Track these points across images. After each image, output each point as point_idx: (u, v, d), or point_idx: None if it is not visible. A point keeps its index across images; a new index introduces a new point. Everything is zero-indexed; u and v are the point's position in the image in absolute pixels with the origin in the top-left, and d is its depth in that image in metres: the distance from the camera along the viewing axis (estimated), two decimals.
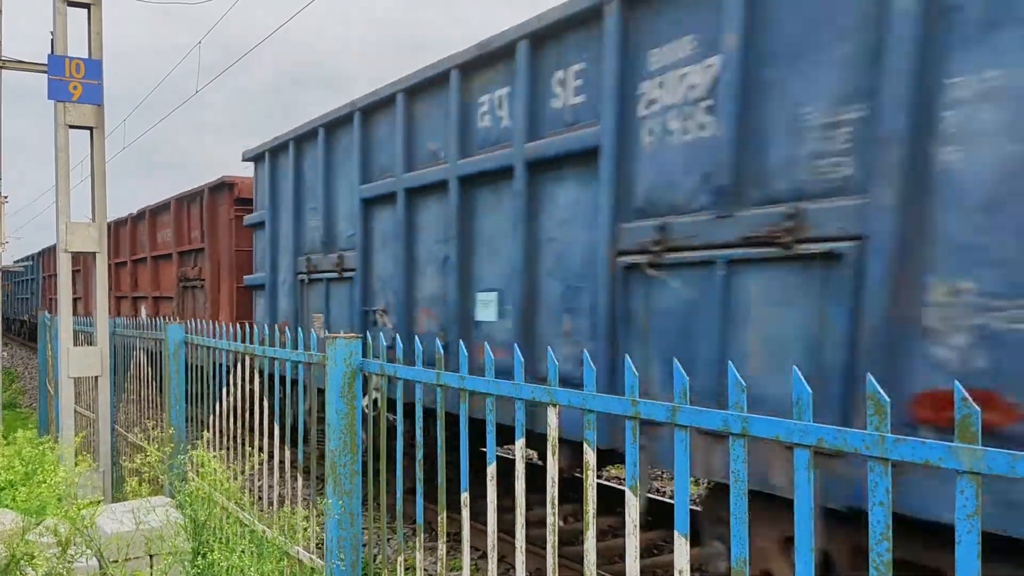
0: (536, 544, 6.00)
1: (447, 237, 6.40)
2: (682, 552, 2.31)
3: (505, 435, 5.27)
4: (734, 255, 4.14)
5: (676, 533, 2.32)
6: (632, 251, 4.74)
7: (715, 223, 4.25)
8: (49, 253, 27.66)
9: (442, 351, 3.51)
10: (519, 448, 3.03)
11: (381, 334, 4.94)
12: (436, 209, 6.62)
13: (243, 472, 4.89)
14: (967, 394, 1.68)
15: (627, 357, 2.63)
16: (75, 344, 7.46)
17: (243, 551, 3.81)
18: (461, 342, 3.48)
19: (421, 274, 6.84)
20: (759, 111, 4.06)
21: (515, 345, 3.26)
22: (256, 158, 10.01)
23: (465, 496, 3.39)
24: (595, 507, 2.65)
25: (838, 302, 3.69)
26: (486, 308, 6.06)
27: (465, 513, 3.41)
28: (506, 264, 5.83)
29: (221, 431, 5.72)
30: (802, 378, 2.01)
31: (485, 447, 3.26)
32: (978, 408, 1.68)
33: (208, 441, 5.10)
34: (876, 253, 3.51)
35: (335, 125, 8.09)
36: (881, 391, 1.83)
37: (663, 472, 9.04)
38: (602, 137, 4.92)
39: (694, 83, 4.38)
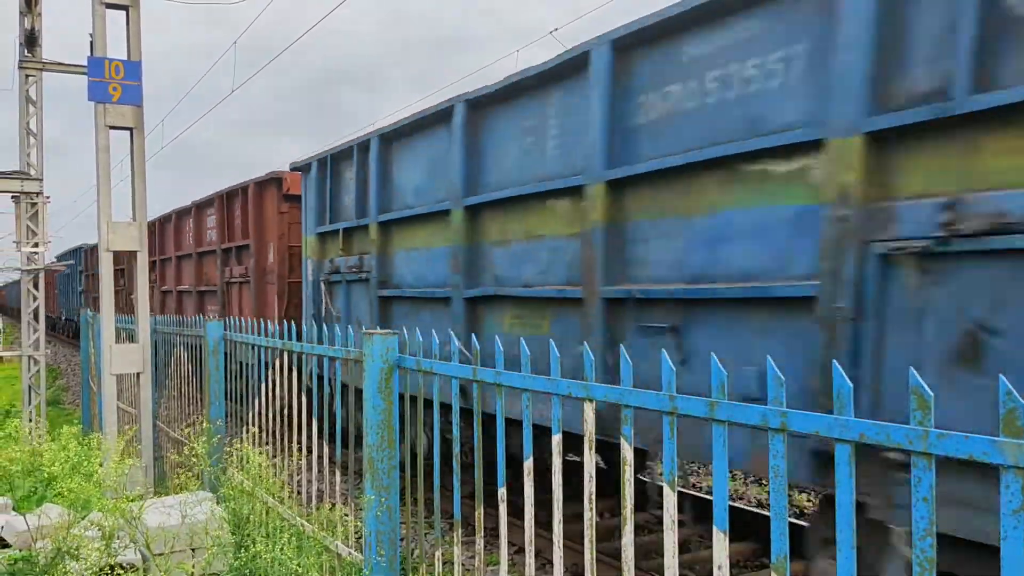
0: (572, 540, 5.99)
1: None
2: (721, 548, 2.30)
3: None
4: None
5: (715, 529, 2.31)
6: None
7: None
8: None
9: (478, 347, 3.52)
10: (556, 444, 3.03)
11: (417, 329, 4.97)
12: None
13: (285, 468, 4.96)
14: (1012, 388, 1.65)
15: (664, 356, 2.62)
16: (117, 341, 7.60)
17: (284, 544, 3.87)
18: (497, 338, 3.49)
19: None
20: None
21: (551, 342, 3.25)
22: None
23: (502, 491, 3.40)
24: (633, 503, 2.64)
25: None
26: None
27: (502, 508, 3.41)
28: None
29: (261, 427, 5.80)
30: (843, 372, 1.99)
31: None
32: None
33: (252, 437, 5.16)
34: None
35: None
36: (925, 386, 1.81)
37: (700, 469, 9.00)
38: None
39: None
